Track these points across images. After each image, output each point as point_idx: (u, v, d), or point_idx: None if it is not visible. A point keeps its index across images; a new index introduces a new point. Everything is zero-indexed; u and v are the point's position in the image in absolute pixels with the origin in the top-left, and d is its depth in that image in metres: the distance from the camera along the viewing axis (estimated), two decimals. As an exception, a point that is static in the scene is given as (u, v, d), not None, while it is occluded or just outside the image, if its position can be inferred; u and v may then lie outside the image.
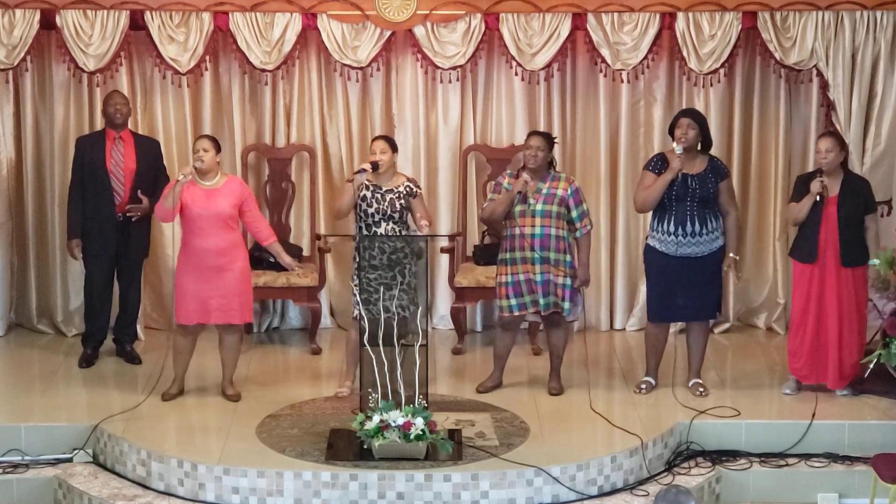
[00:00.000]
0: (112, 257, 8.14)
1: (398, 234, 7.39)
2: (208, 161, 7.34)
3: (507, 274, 7.53)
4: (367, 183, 7.44)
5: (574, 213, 7.52)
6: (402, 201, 7.45)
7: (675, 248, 7.50)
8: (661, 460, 7.04)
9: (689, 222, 7.47)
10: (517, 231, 7.47)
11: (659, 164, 7.53)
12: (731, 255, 7.62)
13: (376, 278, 7.25)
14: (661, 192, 7.43)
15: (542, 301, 7.50)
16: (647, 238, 7.70)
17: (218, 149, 7.44)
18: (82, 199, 8.06)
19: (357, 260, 7.31)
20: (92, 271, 8.19)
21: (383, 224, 7.43)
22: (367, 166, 7.39)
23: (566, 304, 7.52)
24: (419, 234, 7.27)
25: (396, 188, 7.47)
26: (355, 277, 7.30)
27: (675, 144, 7.46)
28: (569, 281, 7.50)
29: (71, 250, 8.15)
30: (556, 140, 7.69)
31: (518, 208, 7.45)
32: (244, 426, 7.15)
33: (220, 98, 8.88)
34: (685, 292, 7.54)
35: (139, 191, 8.01)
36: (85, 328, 8.36)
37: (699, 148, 7.56)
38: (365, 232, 7.43)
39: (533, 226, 7.45)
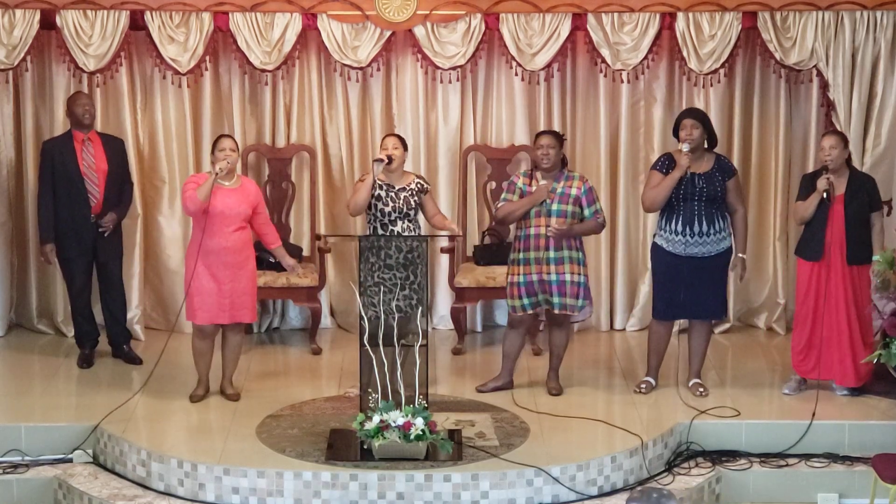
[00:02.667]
0: (90, 259, 8.13)
1: (413, 232, 7.44)
2: (234, 161, 7.40)
3: (519, 274, 7.53)
4: (379, 182, 7.47)
5: (587, 212, 7.52)
6: (416, 198, 7.49)
7: (683, 248, 7.49)
8: (661, 460, 7.04)
9: (696, 222, 7.47)
10: (532, 231, 7.47)
11: (666, 163, 7.53)
12: (740, 254, 7.62)
13: (390, 278, 7.20)
14: (669, 191, 7.43)
15: (556, 301, 7.50)
16: (654, 236, 7.70)
17: (238, 150, 7.53)
18: (54, 203, 8.04)
19: (371, 260, 7.19)
20: (72, 275, 8.17)
21: (399, 222, 7.47)
22: (384, 157, 7.42)
23: (579, 302, 7.51)
24: (446, 233, 7.47)
25: (408, 186, 7.52)
26: (370, 278, 7.14)
27: (680, 144, 7.46)
28: (583, 279, 7.50)
29: (45, 255, 8.12)
30: (564, 137, 7.69)
31: (533, 209, 7.46)
32: (244, 426, 7.16)
33: (220, 98, 8.88)
34: (690, 291, 7.53)
35: (108, 201, 8.00)
36: (75, 330, 8.36)
37: (705, 146, 7.56)
38: (380, 231, 7.45)
39: (548, 226, 7.45)
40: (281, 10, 8.39)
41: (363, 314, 6.94)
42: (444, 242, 8.66)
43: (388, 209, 7.48)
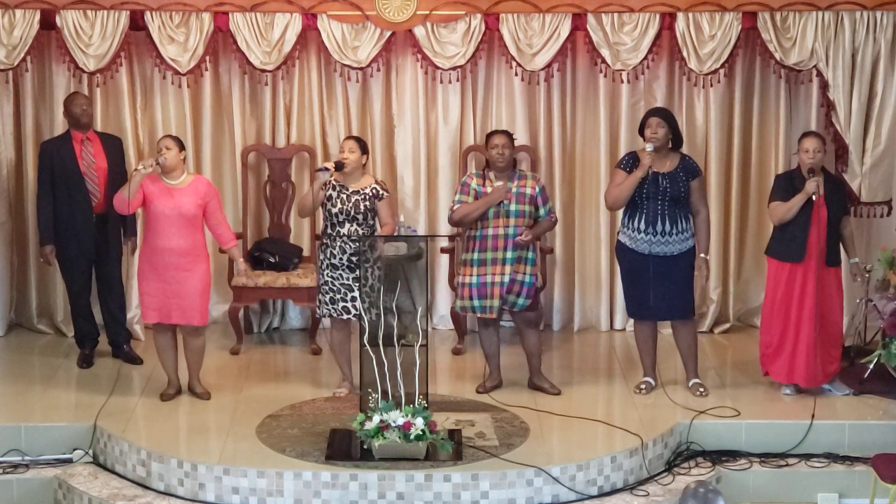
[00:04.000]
0: (91, 258, 8.13)
1: (361, 235, 7.39)
2: (171, 158, 7.32)
3: (472, 275, 7.54)
4: (334, 182, 7.46)
5: (542, 211, 7.57)
6: (367, 203, 7.46)
7: (647, 247, 7.50)
8: (661, 460, 7.04)
9: (659, 221, 7.48)
10: (490, 231, 7.47)
11: (630, 162, 7.55)
12: (703, 255, 7.62)
13: (337, 278, 7.34)
14: (632, 189, 7.45)
15: (496, 304, 7.52)
16: (618, 234, 7.71)
17: (181, 147, 7.43)
18: (54, 204, 8.03)
19: (321, 259, 7.45)
20: (73, 274, 8.17)
21: (346, 225, 7.45)
22: (331, 165, 7.44)
23: (521, 300, 7.52)
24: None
25: (363, 189, 7.48)
26: (322, 277, 7.44)
27: (645, 143, 7.48)
28: (531, 279, 7.52)
29: (45, 256, 8.12)
30: (514, 137, 7.72)
31: (492, 210, 7.46)
32: (244, 426, 7.16)
33: (220, 98, 8.88)
34: (657, 291, 7.54)
35: (109, 199, 7.98)
36: (75, 330, 8.36)
37: (670, 146, 7.57)
38: (329, 231, 7.47)
39: (507, 226, 7.47)
40: (281, 10, 8.39)
41: (363, 314, 6.95)
42: (445, 242, 8.66)
43: (335, 210, 7.46)
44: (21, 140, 8.76)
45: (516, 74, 8.67)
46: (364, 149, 7.55)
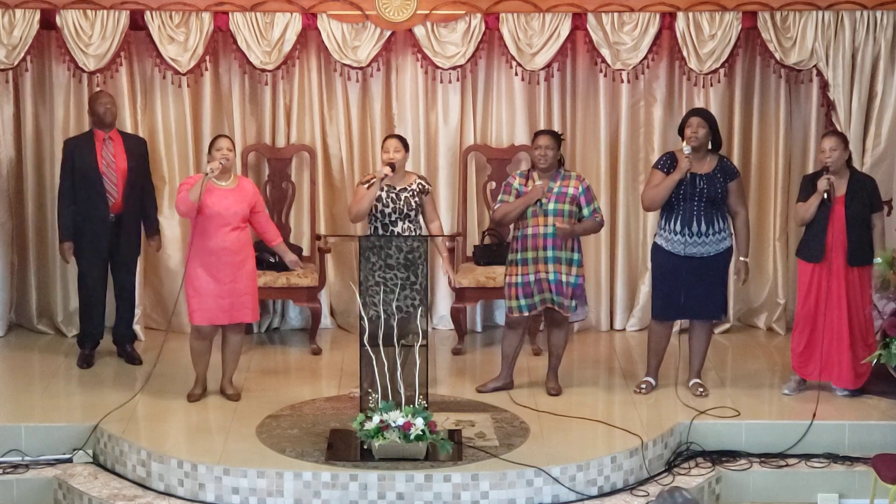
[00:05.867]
0: (105, 258, 8.14)
1: (413, 232, 7.44)
2: (229, 162, 7.40)
3: (517, 275, 7.52)
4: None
5: (585, 211, 7.52)
6: (416, 199, 7.51)
7: (683, 248, 7.49)
8: (661, 460, 7.04)
9: (695, 222, 7.47)
10: (530, 231, 7.46)
11: (668, 163, 7.53)
12: (742, 258, 7.62)
13: (391, 278, 7.14)
14: (669, 191, 7.43)
15: (554, 298, 7.50)
16: (654, 236, 7.69)
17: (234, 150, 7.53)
18: (73, 202, 8.05)
19: (373, 260, 7.12)
20: (86, 272, 8.17)
21: (400, 223, 7.48)
22: (388, 170, 7.42)
23: (572, 303, 7.52)
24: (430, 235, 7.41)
25: (409, 186, 7.53)
26: (370, 278, 7.09)
27: (683, 144, 7.46)
28: (578, 280, 7.50)
29: (63, 253, 8.13)
30: (563, 137, 7.69)
31: (531, 209, 7.46)
32: (244, 426, 7.16)
33: (220, 98, 8.88)
34: (690, 292, 7.53)
35: (127, 201, 8.03)
36: (81, 329, 8.36)
37: (709, 147, 7.56)
38: (381, 232, 7.45)
39: (545, 225, 7.45)
40: (281, 10, 8.39)
41: (363, 314, 6.94)
42: (445, 242, 8.66)
43: (388, 210, 7.49)
44: (21, 140, 8.76)
45: (516, 74, 8.67)
46: (407, 146, 7.60)
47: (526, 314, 7.56)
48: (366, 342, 6.88)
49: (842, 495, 7.02)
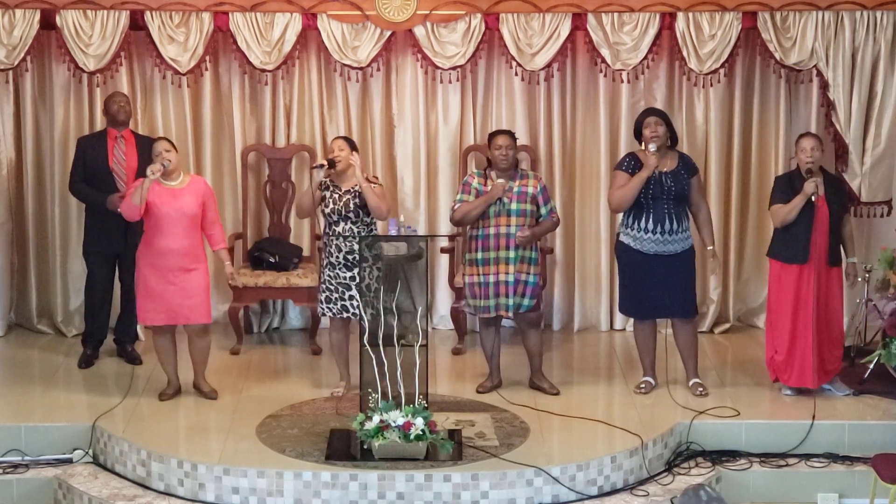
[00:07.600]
0: (113, 257, 8.14)
1: (356, 234, 7.42)
2: (175, 161, 7.36)
3: (478, 275, 7.55)
4: (328, 183, 7.48)
5: (543, 210, 7.58)
6: (358, 200, 7.47)
7: (653, 247, 7.51)
8: (661, 460, 7.04)
9: (667, 220, 7.49)
10: (492, 231, 7.48)
11: (632, 163, 7.55)
12: (710, 247, 7.68)
13: (334, 277, 7.41)
14: (637, 190, 7.45)
15: (510, 302, 7.52)
16: (618, 235, 7.71)
17: (176, 150, 7.47)
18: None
19: (324, 257, 7.49)
20: (94, 270, 8.19)
21: (341, 224, 7.48)
22: (324, 162, 7.49)
23: (526, 301, 7.54)
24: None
25: (353, 188, 7.49)
26: (322, 276, 7.52)
27: (647, 144, 7.48)
28: (534, 279, 7.54)
29: (114, 202, 7.83)
30: (516, 137, 7.74)
31: (492, 208, 7.48)
32: (244, 426, 7.16)
33: (220, 98, 8.88)
34: (660, 290, 7.55)
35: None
36: (85, 328, 8.36)
37: (668, 144, 7.58)
38: (327, 231, 7.52)
39: (508, 225, 7.48)
40: (281, 10, 8.39)
41: (363, 314, 6.95)
42: (445, 242, 8.66)
43: (328, 210, 7.51)
44: (21, 140, 8.76)
45: (516, 74, 8.67)
46: (353, 146, 7.58)
47: (492, 315, 7.58)
48: (366, 342, 6.89)
49: (842, 495, 7.02)
